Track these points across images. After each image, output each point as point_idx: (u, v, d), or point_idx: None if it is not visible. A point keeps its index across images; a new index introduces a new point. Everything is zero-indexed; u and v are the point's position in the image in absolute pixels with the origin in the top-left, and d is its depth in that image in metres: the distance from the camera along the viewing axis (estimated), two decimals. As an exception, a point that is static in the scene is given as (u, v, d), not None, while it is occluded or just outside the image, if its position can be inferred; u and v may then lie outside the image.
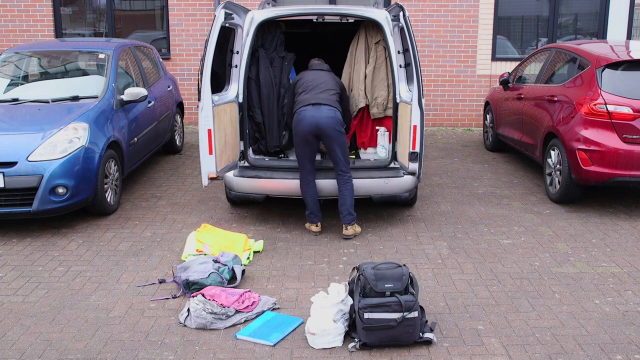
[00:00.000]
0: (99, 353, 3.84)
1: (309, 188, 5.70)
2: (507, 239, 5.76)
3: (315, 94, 5.61)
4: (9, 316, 4.31)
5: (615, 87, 6.30)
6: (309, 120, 5.49)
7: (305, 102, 5.60)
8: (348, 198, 5.63)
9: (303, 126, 5.50)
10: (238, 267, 4.85)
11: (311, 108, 5.54)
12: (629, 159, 6.11)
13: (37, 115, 6.41)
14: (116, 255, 5.38)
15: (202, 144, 5.51)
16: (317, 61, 6.10)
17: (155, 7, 11.22)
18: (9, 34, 11.00)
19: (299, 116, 5.56)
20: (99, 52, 7.45)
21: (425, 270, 5.06)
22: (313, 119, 5.49)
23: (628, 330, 4.10)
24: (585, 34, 11.11)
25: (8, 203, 5.68)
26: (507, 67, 10.42)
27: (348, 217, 5.63)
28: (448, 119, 11.05)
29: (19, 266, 5.15)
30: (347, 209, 5.62)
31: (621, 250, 5.49)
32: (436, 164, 8.48)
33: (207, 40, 5.40)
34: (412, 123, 5.52)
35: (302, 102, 5.62)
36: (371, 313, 3.82)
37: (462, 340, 3.97)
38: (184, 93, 10.21)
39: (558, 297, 4.58)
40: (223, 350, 3.87)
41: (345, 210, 5.63)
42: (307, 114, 5.51)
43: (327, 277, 4.92)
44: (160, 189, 7.31)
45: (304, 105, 5.58)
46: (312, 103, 5.56)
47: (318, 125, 5.49)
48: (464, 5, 10.69)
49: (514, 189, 7.30)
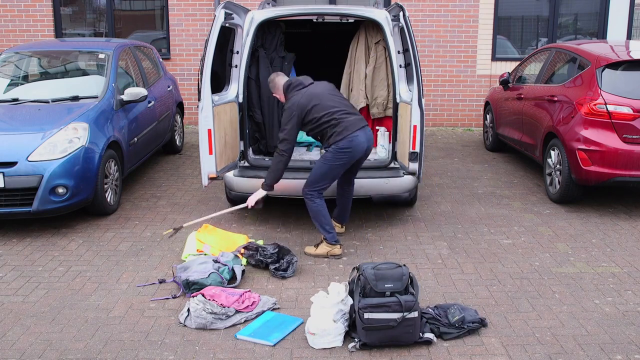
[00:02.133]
0: (99, 353, 3.84)
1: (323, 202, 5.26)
2: (507, 239, 5.76)
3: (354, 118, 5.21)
4: (9, 316, 4.31)
5: (615, 87, 6.30)
6: (363, 146, 5.18)
7: (351, 128, 5.13)
8: (350, 204, 5.67)
9: (358, 152, 5.17)
10: (238, 267, 4.85)
11: (361, 133, 5.16)
12: (629, 159, 6.11)
13: (37, 115, 6.41)
14: (116, 255, 5.38)
15: (202, 144, 5.51)
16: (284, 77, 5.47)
17: (155, 7, 11.22)
18: (9, 34, 11.00)
19: (352, 142, 5.10)
20: (99, 52, 7.45)
21: (425, 270, 5.06)
22: (365, 143, 5.19)
23: (628, 330, 4.10)
24: (585, 34, 11.11)
25: (8, 203, 5.68)
26: (507, 67, 10.41)
27: (346, 219, 5.77)
28: (448, 119, 11.05)
29: (19, 266, 5.15)
30: (348, 213, 5.71)
31: (621, 250, 5.49)
32: (436, 164, 8.48)
33: (207, 40, 5.40)
34: (412, 123, 5.52)
35: (348, 128, 5.12)
36: (371, 313, 3.81)
37: (462, 340, 3.97)
38: (184, 93, 10.21)
39: (558, 297, 4.58)
40: (223, 350, 3.87)
41: (345, 214, 5.70)
42: (361, 139, 5.16)
43: (327, 277, 4.92)
44: (160, 189, 7.31)
45: (353, 131, 5.12)
46: (362, 127, 5.19)
47: (368, 150, 5.29)
48: (464, 5, 10.69)
49: (514, 189, 7.30)
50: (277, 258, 4.99)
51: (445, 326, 4.01)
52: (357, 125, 5.18)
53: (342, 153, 5.13)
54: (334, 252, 5.27)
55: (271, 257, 4.99)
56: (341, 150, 5.12)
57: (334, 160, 5.16)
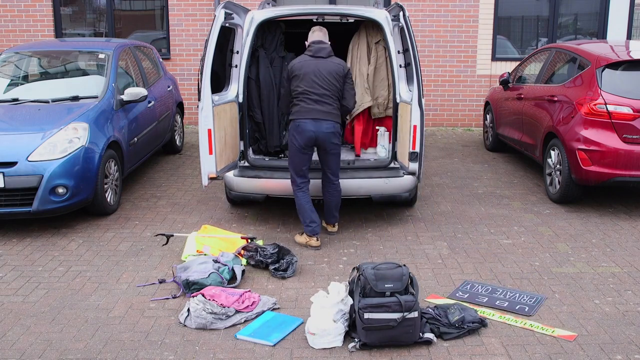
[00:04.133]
0: (99, 353, 3.84)
1: (304, 195, 5.53)
2: (507, 239, 5.76)
3: (315, 107, 5.37)
4: (9, 316, 4.31)
5: (615, 87, 6.30)
6: (308, 134, 5.35)
7: (304, 114, 5.37)
8: (333, 204, 5.67)
9: (302, 138, 5.37)
10: (238, 267, 4.85)
11: (310, 122, 5.36)
12: (629, 159, 6.11)
13: (37, 115, 6.41)
14: (116, 255, 5.38)
15: (202, 144, 5.51)
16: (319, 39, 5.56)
17: (155, 7, 11.22)
18: (9, 34, 11.00)
19: (298, 128, 5.38)
20: (99, 52, 7.45)
21: (425, 270, 5.06)
22: (312, 133, 5.35)
23: (628, 330, 4.09)
24: (585, 34, 11.11)
25: (8, 203, 5.68)
26: (507, 67, 10.41)
27: (332, 219, 5.77)
28: (448, 119, 11.05)
29: (19, 266, 5.15)
30: (332, 212, 5.72)
31: (621, 250, 5.49)
32: (436, 164, 8.48)
33: (207, 40, 5.40)
34: (412, 123, 5.52)
35: (301, 112, 5.39)
36: (371, 313, 3.81)
37: (462, 340, 3.96)
38: (184, 93, 10.21)
39: (558, 297, 4.58)
40: (223, 350, 3.87)
41: (329, 213, 5.71)
42: (307, 127, 5.35)
43: (327, 277, 4.92)
44: (160, 189, 7.31)
45: (303, 118, 5.37)
46: (313, 118, 5.36)
47: (317, 139, 5.40)
48: (464, 5, 10.69)
49: (514, 189, 7.30)
50: (277, 258, 4.99)
51: (445, 326, 4.01)
52: (308, 114, 5.37)
53: (292, 136, 5.43)
54: (311, 243, 5.50)
55: (271, 257, 4.99)
56: (291, 134, 5.44)
57: (290, 146, 5.49)
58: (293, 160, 5.50)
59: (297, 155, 5.46)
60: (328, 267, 5.12)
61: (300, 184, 5.52)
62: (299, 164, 5.48)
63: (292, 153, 5.50)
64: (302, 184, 5.53)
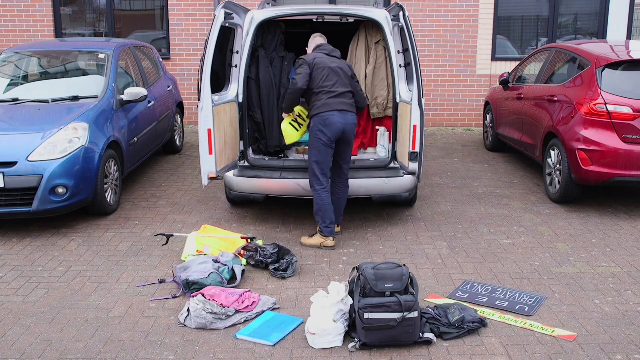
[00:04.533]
0: (99, 353, 3.84)
1: (329, 195, 5.46)
2: (507, 239, 5.76)
3: (340, 100, 5.41)
4: (9, 316, 4.31)
5: (615, 87, 6.30)
6: (337, 126, 5.34)
7: (332, 106, 5.37)
8: (343, 200, 5.67)
9: (331, 131, 5.32)
10: (238, 267, 4.85)
11: (338, 114, 5.36)
12: (629, 159, 6.11)
13: (37, 115, 6.41)
14: (116, 255, 5.38)
15: (202, 144, 5.51)
16: (324, 41, 5.75)
17: (155, 7, 11.22)
18: (9, 34, 11.00)
19: (326, 121, 5.33)
20: (99, 52, 7.45)
21: (425, 270, 5.06)
22: (341, 124, 5.36)
23: (628, 330, 4.10)
24: (585, 34, 11.11)
25: (8, 203, 5.68)
26: (507, 67, 10.42)
27: (340, 217, 5.74)
28: (448, 119, 11.05)
29: (19, 266, 5.15)
30: (341, 210, 5.70)
31: (621, 250, 5.49)
32: (436, 164, 8.48)
33: (207, 40, 5.40)
34: (412, 123, 5.53)
35: (328, 105, 5.37)
36: (371, 313, 3.82)
37: (462, 340, 3.97)
38: (184, 93, 10.21)
39: (558, 297, 4.58)
40: (223, 350, 3.87)
41: (338, 211, 5.67)
42: (336, 119, 5.34)
43: (327, 277, 4.92)
44: (160, 189, 7.31)
45: (330, 110, 5.36)
46: (340, 110, 5.38)
47: (344, 132, 5.41)
48: (464, 5, 10.69)
49: (514, 189, 7.30)
50: (277, 258, 4.99)
51: (445, 326, 4.02)
52: (335, 107, 5.35)
53: (320, 131, 5.34)
54: (327, 243, 5.44)
55: (271, 257, 4.99)
56: (319, 129, 5.34)
57: (315, 142, 5.37)
58: (319, 157, 5.39)
59: (324, 151, 5.37)
60: (328, 267, 5.12)
61: (325, 183, 5.43)
62: (325, 161, 5.41)
63: (317, 150, 5.38)
64: (327, 183, 5.46)
